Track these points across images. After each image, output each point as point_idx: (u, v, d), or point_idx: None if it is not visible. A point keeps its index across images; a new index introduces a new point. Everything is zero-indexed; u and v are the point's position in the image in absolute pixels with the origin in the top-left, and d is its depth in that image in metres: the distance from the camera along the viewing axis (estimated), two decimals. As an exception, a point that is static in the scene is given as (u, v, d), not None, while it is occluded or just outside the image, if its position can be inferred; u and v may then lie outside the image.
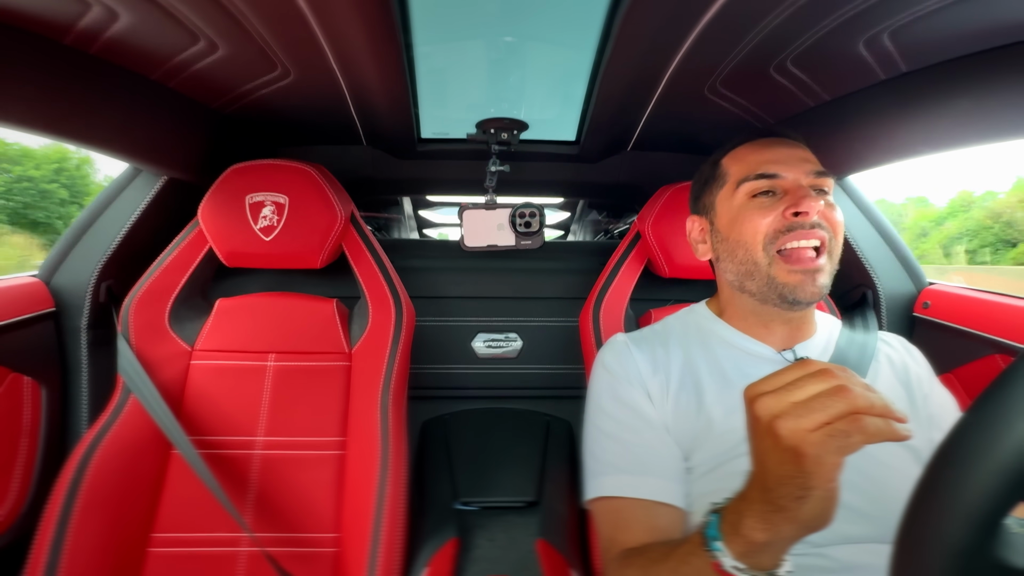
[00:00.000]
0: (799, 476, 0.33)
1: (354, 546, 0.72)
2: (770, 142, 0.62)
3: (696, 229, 0.69)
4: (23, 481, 0.79)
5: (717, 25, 0.56)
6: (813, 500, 0.33)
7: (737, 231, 0.60)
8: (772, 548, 0.37)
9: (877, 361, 0.62)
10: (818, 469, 0.32)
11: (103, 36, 0.58)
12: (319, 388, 0.83)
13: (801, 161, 0.59)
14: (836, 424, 0.31)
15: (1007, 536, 0.25)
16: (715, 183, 0.65)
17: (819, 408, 0.32)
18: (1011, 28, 0.52)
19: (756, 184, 0.59)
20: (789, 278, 0.56)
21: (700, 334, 0.66)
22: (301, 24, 0.57)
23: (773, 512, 0.35)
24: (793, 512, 0.34)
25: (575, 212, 2.51)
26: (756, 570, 0.37)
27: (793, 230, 0.56)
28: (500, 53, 0.70)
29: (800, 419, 0.32)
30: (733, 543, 0.38)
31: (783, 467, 0.33)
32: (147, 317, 0.82)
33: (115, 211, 0.90)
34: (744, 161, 0.62)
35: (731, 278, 0.63)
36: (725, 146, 0.66)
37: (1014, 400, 0.24)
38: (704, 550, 0.40)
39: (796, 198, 0.56)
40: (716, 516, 0.40)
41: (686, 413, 0.59)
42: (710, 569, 0.39)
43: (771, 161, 0.59)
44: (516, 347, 1.12)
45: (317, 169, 0.86)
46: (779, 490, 0.34)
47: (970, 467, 0.25)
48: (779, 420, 0.33)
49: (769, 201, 0.58)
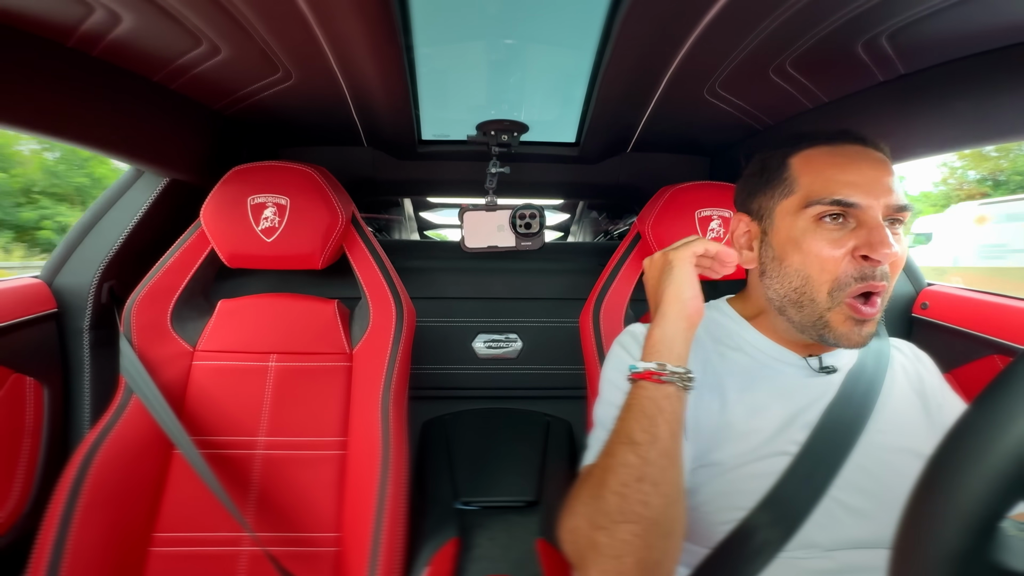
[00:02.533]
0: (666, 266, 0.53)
1: (355, 546, 0.72)
2: (853, 154, 0.54)
3: (742, 232, 0.61)
4: (25, 481, 0.80)
5: (716, 27, 0.56)
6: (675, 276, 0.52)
7: (799, 259, 0.53)
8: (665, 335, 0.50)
9: (892, 370, 0.60)
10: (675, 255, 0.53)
11: (106, 39, 0.59)
12: (320, 388, 0.83)
13: (885, 190, 0.51)
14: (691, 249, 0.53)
15: (1004, 539, 0.25)
16: (778, 187, 0.56)
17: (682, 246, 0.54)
18: (1010, 29, 0.53)
19: (828, 209, 0.51)
20: (844, 327, 0.52)
21: (723, 333, 0.63)
22: (302, 27, 0.57)
23: (658, 305, 0.52)
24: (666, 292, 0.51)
25: (575, 213, 2.51)
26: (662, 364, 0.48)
27: (864, 280, 0.50)
28: (500, 55, 0.71)
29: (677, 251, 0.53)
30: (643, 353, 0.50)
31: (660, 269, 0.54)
32: (149, 318, 0.82)
33: (117, 212, 0.91)
34: (820, 174, 0.53)
35: (774, 297, 0.58)
36: (797, 141, 0.57)
37: (1012, 402, 0.24)
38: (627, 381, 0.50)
39: (873, 241, 0.49)
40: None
41: (708, 410, 0.56)
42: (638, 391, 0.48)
43: (852, 184, 0.51)
44: (516, 348, 1.13)
45: (318, 170, 0.86)
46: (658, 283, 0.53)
47: (967, 470, 0.24)
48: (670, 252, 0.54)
49: (839, 232, 0.51)
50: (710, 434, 0.56)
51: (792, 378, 0.58)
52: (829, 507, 0.50)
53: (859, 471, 0.52)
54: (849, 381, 0.57)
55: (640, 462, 0.44)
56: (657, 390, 0.47)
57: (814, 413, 0.55)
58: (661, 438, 0.45)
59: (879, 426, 0.54)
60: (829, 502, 0.50)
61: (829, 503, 0.50)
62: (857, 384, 0.57)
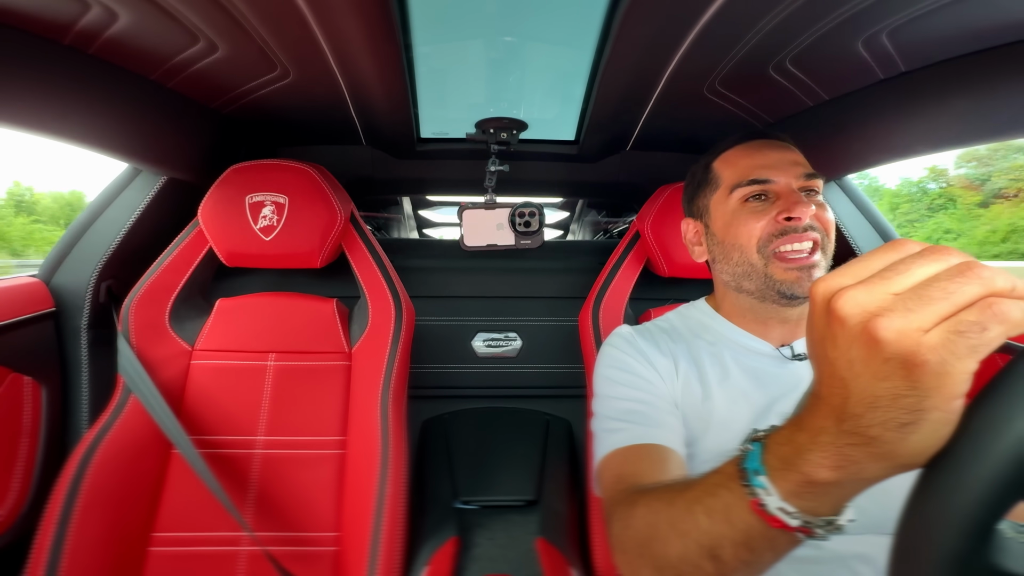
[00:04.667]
0: (909, 394, 0.24)
1: (354, 545, 0.72)
2: (760, 145, 0.63)
3: (691, 231, 0.71)
4: (23, 481, 0.79)
5: (716, 25, 0.56)
6: (927, 425, 0.24)
7: (732, 235, 0.62)
8: (840, 490, 0.28)
9: None
10: (940, 382, 0.23)
11: (102, 36, 0.58)
12: (319, 388, 0.83)
13: (791, 164, 0.61)
14: (963, 315, 0.22)
15: (1001, 541, 0.25)
16: (708, 187, 0.67)
17: (939, 297, 0.23)
18: (1010, 27, 0.52)
19: (748, 189, 0.61)
20: (787, 275, 0.58)
21: (701, 329, 0.68)
22: (300, 24, 0.57)
23: (856, 446, 0.26)
24: (891, 445, 0.25)
25: (574, 211, 2.51)
26: (809, 515, 0.29)
27: (786, 234, 0.58)
28: (499, 53, 0.70)
29: (911, 314, 0.23)
30: (784, 480, 0.30)
31: (883, 384, 0.24)
32: (147, 317, 0.82)
33: (115, 211, 0.90)
34: (736, 166, 0.63)
35: (727, 279, 0.65)
36: (715, 149, 0.68)
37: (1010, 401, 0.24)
38: (740, 485, 0.32)
39: (788, 203, 0.58)
40: (759, 445, 0.32)
41: (693, 399, 0.60)
42: (746, 509, 0.31)
43: (762, 166, 0.61)
44: (516, 346, 1.12)
45: (317, 169, 0.86)
46: (871, 416, 0.25)
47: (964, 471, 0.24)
48: (879, 319, 0.24)
49: (762, 205, 0.60)
50: (694, 422, 0.59)
51: (766, 367, 0.61)
52: None
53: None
54: None
55: (715, 572, 0.35)
56: (789, 541, 0.32)
57: (790, 402, 0.57)
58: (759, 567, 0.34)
59: None
60: None
61: None
62: None
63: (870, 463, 0.26)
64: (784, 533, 0.30)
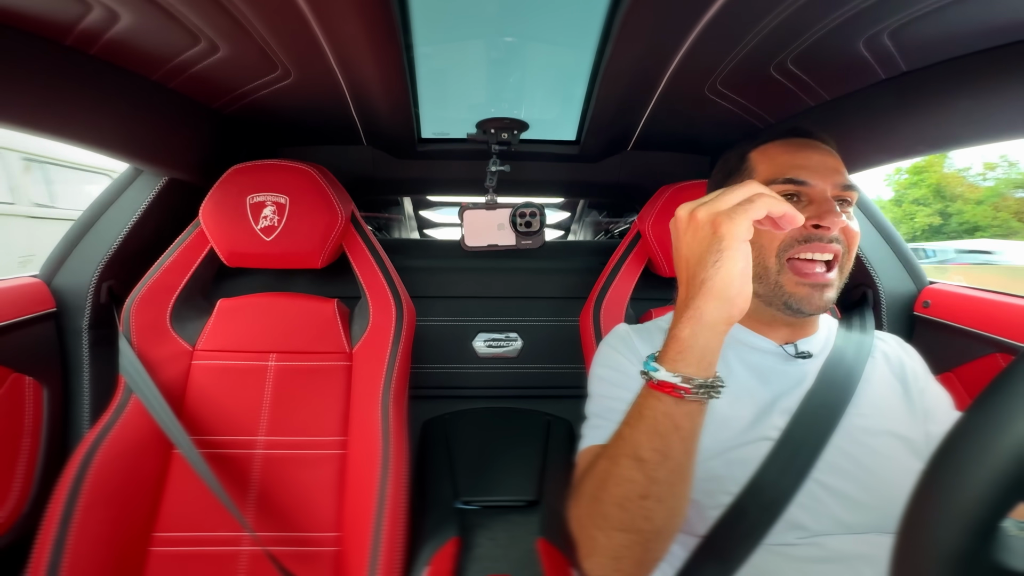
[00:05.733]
0: (716, 242, 0.39)
1: (355, 545, 0.72)
2: (802, 144, 0.60)
3: None
4: (25, 481, 0.79)
5: (717, 25, 0.56)
6: (727, 260, 0.39)
7: (755, 233, 0.60)
8: (696, 341, 0.40)
9: (873, 357, 0.63)
10: (730, 230, 0.39)
11: (104, 37, 0.58)
12: (320, 388, 0.83)
13: (831, 171, 0.58)
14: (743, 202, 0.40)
15: (1005, 539, 0.25)
16: (739, 176, 0.63)
17: (734, 198, 0.40)
18: (1011, 27, 0.52)
19: (782, 188, 0.57)
20: (796, 289, 0.56)
21: None
22: (301, 25, 0.57)
23: (698, 295, 0.40)
24: (711, 280, 0.39)
25: (575, 212, 2.51)
26: (685, 374, 0.40)
27: (810, 241, 0.55)
28: (500, 53, 0.70)
29: (718, 204, 0.40)
30: (664, 354, 0.41)
31: (704, 242, 0.40)
32: (148, 317, 0.82)
33: (116, 211, 0.91)
34: (774, 160, 0.60)
35: None
36: (755, 138, 0.64)
37: (1012, 401, 0.24)
38: (644, 383, 0.43)
39: (820, 210, 0.55)
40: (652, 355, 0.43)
41: None
42: (647, 395, 0.42)
43: (801, 167, 0.57)
44: (516, 347, 1.12)
45: (317, 169, 0.86)
46: (699, 266, 0.40)
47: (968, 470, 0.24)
48: (703, 207, 0.41)
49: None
50: None
51: (770, 364, 0.61)
52: (813, 490, 0.51)
53: (841, 454, 0.53)
54: (828, 367, 0.59)
55: (646, 481, 0.41)
56: (677, 407, 0.40)
57: (794, 399, 0.57)
58: (673, 457, 0.41)
59: (860, 410, 0.56)
60: (813, 485, 0.51)
61: (813, 486, 0.51)
62: (837, 370, 0.59)
63: (706, 303, 0.40)
64: (676, 403, 0.40)
